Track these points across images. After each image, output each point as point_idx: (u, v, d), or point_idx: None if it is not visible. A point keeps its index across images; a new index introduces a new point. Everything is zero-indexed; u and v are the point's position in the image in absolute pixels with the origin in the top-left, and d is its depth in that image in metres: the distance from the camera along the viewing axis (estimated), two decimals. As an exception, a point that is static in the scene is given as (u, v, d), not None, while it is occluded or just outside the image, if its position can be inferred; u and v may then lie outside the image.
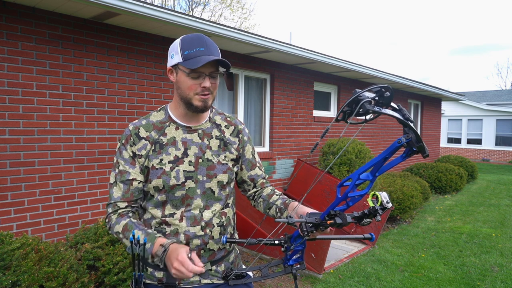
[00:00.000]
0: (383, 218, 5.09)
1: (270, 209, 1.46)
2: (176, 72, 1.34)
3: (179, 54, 1.30)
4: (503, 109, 18.62)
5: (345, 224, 1.11)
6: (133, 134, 1.37)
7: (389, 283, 3.88)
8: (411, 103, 10.83)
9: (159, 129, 1.39)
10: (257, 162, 1.57)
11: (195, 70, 1.28)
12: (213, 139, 1.44)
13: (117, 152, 1.39)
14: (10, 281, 2.25)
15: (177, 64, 1.31)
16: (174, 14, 3.87)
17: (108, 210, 1.37)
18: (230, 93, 5.70)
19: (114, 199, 1.35)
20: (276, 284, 3.74)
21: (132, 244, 1.18)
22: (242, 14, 27.11)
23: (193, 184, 1.36)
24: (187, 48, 1.29)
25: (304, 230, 1.17)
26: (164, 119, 1.41)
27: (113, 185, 1.37)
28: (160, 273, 1.38)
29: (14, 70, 3.41)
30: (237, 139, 1.50)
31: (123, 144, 1.37)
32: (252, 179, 1.55)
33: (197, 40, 1.30)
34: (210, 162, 1.40)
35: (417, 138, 0.95)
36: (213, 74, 1.32)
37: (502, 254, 4.82)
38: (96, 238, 3.03)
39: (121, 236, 1.30)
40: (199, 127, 1.43)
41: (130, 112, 4.27)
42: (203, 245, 1.38)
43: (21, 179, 3.50)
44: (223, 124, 1.49)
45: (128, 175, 1.35)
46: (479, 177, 12.10)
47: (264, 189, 1.56)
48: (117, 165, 1.38)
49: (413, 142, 0.95)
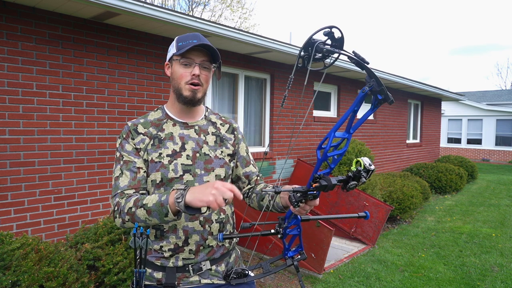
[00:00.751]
0: (383, 218, 5.09)
1: (263, 200, 1.47)
2: (171, 64, 1.40)
3: (174, 47, 1.38)
4: (503, 109, 18.62)
5: (330, 187, 1.11)
6: (131, 129, 1.40)
7: (389, 283, 3.88)
8: (411, 103, 10.83)
9: (157, 125, 1.43)
10: (251, 160, 1.61)
11: (184, 56, 1.34)
12: (210, 135, 1.47)
13: (118, 147, 1.40)
14: (10, 281, 2.25)
15: (172, 56, 1.39)
16: (174, 14, 3.87)
17: (115, 200, 1.32)
18: (230, 93, 5.70)
19: (121, 188, 1.32)
20: (276, 284, 3.74)
21: (135, 237, 1.15)
22: (242, 14, 27.09)
23: (191, 177, 1.38)
24: (181, 41, 1.37)
25: (293, 200, 1.18)
26: (161, 116, 1.46)
27: (119, 176, 1.34)
28: (159, 273, 1.38)
29: (14, 70, 3.41)
30: (233, 135, 1.55)
31: (124, 138, 1.39)
32: (247, 176, 1.57)
33: (191, 35, 1.37)
34: (208, 156, 1.43)
35: (377, 82, 0.94)
36: (204, 64, 1.37)
37: (502, 254, 4.82)
38: (96, 238, 3.03)
39: (134, 209, 1.24)
40: (196, 123, 1.47)
41: (130, 112, 4.27)
42: (202, 241, 1.38)
43: (21, 179, 3.50)
44: (218, 122, 1.54)
45: (134, 163, 1.36)
46: (479, 177, 12.10)
47: (257, 186, 1.58)
48: (120, 158, 1.37)
49: (375, 87, 0.94)
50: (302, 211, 1.25)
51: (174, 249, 1.37)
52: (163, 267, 1.38)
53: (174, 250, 1.37)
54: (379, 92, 0.93)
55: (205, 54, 1.37)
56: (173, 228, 1.36)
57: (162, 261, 1.38)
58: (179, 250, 1.37)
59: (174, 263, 1.37)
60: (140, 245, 1.17)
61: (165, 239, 1.37)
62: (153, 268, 1.38)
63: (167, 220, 1.21)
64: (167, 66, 1.43)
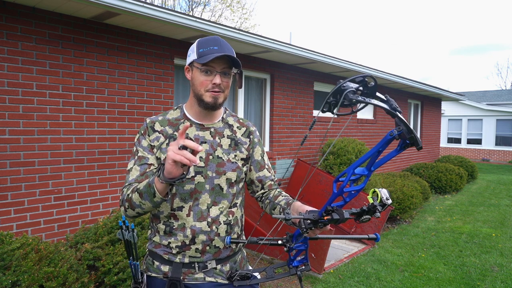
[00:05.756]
0: (383, 218, 5.09)
1: (274, 210, 1.49)
2: (192, 69, 1.42)
3: (194, 53, 1.38)
4: (503, 109, 18.62)
5: (342, 220, 1.10)
6: (148, 126, 1.45)
7: (389, 283, 3.88)
8: (411, 103, 10.83)
9: (174, 125, 1.46)
10: (265, 164, 1.59)
11: (206, 64, 1.35)
12: (225, 138, 1.49)
13: (136, 142, 1.46)
14: (10, 281, 2.25)
15: (192, 62, 1.40)
16: (174, 14, 3.87)
17: (122, 191, 1.39)
18: (230, 93, 5.69)
19: (129, 181, 1.39)
20: (276, 284, 3.74)
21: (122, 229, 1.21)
22: (243, 15, 27.08)
23: (202, 179, 1.40)
24: (202, 46, 1.37)
25: (302, 227, 1.17)
26: (179, 116, 1.48)
27: (130, 170, 1.41)
28: (166, 267, 1.42)
29: (14, 70, 3.41)
30: (248, 139, 1.54)
31: (142, 134, 1.45)
32: (260, 180, 1.57)
33: (212, 40, 1.39)
34: (220, 160, 1.44)
35: (408, 129, 0.93)
36: (224, 71, 1.39)
37: (502, 254, 4.82)
38: (96, 238, 3.03)
39: (130, 194, 1.31)
40: (212, 125, 1.48)
41: (130, 112, 4.27)
42: (209, 241, 1.41)
43: (21, 179, 3.50)
44: (235, 125, 1.55)
45: (146, 159, 1.41)
46: (479, 177, 12.10)
47: (272, 191, 1.58)
48: (136, 153, 1.43)
49: (405, 133, 0.94)
50: (311, 235, 1.25)
51: (181, 246, 1.40)
52: (170, 261, 1.42)
53: (181, 247, 1.40)
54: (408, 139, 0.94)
55: (226, 61, 1.38)
56: (181, 226, 1.39)
57: (170, 256, 1.42)
58: (186, 248, 1.40)
59: (181, 260, 1.41)
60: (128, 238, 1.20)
61: (173, 236, 1.40)
62: (161, 261, 1.43)
63: (156, 201, 1.23)
64: (187, 70, 1.45)
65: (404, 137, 0.94)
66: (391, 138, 0.95)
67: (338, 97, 0.98)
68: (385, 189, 1.08)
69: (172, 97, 4.67)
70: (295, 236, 1.30)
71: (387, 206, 1.07)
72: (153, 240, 1.46)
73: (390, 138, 0.95)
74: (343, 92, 0.96)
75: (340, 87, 0.97)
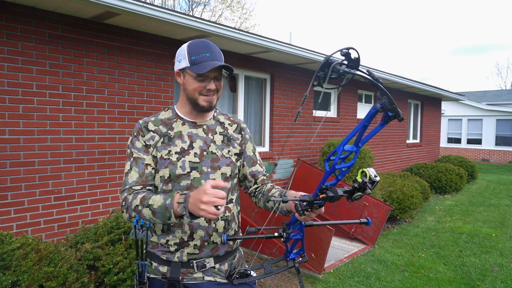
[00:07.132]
0: (383, 218, 5.09)
1: (268, 202, 1.52)
2: (184, 75, 1.44)
3: (186, 59, 1.40)
4: (503, 109, 18.62)
5: (336, 198, 1.15)
6: (142, 127, 1.46)
7: (389, 283, 3.88)
8: (411, 103, 10.83)
9: (167, 124, 1.49)
10: (257, 160, 1.64)
11: (201, 75, 1.38)
12: (217, 135, 1.52)
13: (129, 145, 1.47)
14: (10, 281, 2.25)
15: (184, 68, 1.42)
16: (174, 14, 3.87)
17: (123, 195, 1.39)
18: (230, 93, 5.69)
19: (129, 184, 1.40)
20: (276, 284, 3.74)
21: (135, 229, 1.22)
22: (243, 15, 27.07)
23: (198, 174, 1.43)
24: (194, 53, 1.39)
25: (299, 209, 1.21)
26: (171, 116, 1.51)
27: (128, 173, 1.42)
28: (164, 267, 1.43)
29: (14, 70, 3.42)
30: (240, 135, 1.59)
31: (135, 136, 1.46)
32: (253, 175, 1.61)
33: (203, 46, 1.40)
34: (214, 155, 1.48)
35: (389, 100, 0.98)
36: (217, 77, 1.43)
37: (502, 254, 4.82)
38: (96, 238, 3.02)
39: (140, 207, 1.31)
40: (204, 123, 1.52)
41: (130, 112, 4.27)
42: (207, 237, 1.42)
43: (21, 179, 3.50)
44: (227, 122, 1.59)
45: (143, 160, 1.43)
46: (479, 177, 12.10)
47: (265, 185, 1.61)
48: (131, 155, 1.44)
49: (387, 105, 0.98)
50: (307, 219, 1.29)
51: (179, 243, 1.41)
52: (168, 261, 1.42)
53: (179, 244, 1.41)
54: (390, 110, 0.98)
55: (219, 68, 1.41)
56: (179, 223, 1.40)
57: (168, 255, 1.42)
58: (184, 245, 1.41)
59: (179, 258, 1.42)
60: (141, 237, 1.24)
61: (171, 233, 1.42)
62: (159, 262, 1.44)
63: (170, 222, 1.28)
64: (177, 74, 1.47)
65: (387, 109, 0.99)
66: (375, 112, 1.01)
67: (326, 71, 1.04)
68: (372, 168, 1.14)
69: (172, 97, 4.67)
70: (291, 223, 1.35)
71: (376, 183, 1.13)
72: (150, 241, 1.46)
73: (374, 111, 1.01)
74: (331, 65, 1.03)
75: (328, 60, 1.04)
